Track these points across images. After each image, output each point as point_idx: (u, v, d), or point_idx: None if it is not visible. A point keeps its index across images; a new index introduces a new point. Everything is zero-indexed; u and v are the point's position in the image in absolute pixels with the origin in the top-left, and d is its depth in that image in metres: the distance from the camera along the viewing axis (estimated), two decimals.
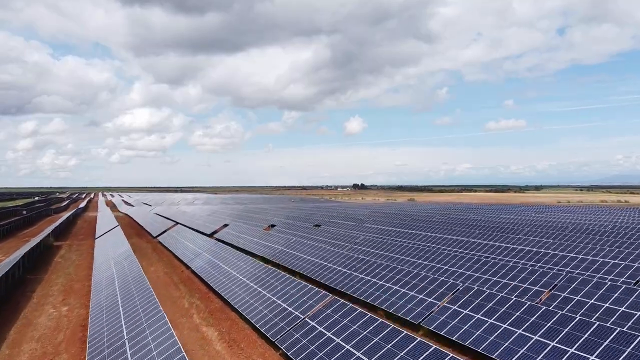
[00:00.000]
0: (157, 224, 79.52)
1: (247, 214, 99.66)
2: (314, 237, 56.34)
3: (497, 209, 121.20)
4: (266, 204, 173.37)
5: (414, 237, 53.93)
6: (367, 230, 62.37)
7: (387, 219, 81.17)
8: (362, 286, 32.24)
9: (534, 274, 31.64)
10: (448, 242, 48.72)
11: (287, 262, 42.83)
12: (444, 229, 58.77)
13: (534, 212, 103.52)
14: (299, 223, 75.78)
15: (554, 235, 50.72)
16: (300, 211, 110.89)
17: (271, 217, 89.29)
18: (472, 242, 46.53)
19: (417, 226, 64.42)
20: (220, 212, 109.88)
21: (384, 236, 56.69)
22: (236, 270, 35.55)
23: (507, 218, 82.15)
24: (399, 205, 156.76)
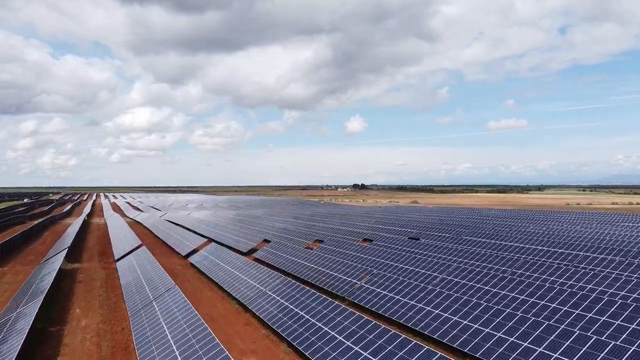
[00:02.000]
0: (179, 237, 70.33)
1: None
2: (408, 261, 46.50)
3: (525, 216, 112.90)
4: (283, 208, 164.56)
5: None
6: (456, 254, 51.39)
7: (448, 233, 70.87)
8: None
9: None
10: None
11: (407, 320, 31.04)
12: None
13: (568, 223, 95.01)
14: (346, 237, 67.59)
15: None
16: (326, 218, 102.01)
17: (315, 231, 79.44)
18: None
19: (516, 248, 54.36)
20: (248, 221, 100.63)
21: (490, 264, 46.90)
22: (339, 331, 25.88)
23: (578, 231, 73.34)
24: (421, 211, 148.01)
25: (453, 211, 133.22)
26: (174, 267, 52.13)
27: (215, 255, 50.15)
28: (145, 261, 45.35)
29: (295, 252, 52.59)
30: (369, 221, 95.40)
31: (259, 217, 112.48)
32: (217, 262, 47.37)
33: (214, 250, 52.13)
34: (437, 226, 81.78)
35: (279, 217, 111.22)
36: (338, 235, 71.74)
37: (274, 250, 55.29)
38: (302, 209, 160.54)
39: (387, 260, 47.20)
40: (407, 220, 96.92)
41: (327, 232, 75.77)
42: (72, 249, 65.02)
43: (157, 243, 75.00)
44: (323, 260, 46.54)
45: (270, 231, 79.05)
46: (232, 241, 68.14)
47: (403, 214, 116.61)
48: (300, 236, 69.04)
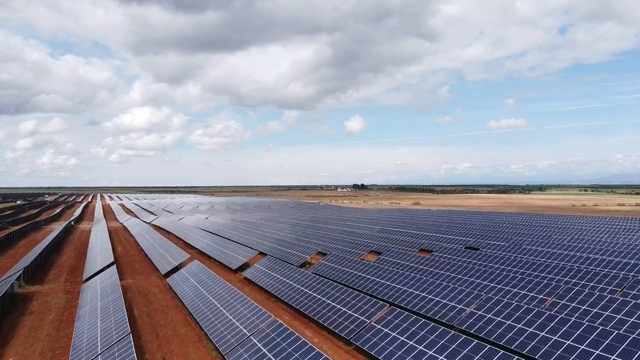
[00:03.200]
0: (162, 249, 62.80)
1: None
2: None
3: (553, 222, 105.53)
4: (282, 211, 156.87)
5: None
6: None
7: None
8: None
9: None
10: None
11: None
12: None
13: (596, 232, 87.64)
14: (355, 250, 60.87)
15: None
16: (326, 224, 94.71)
17: (315, 241, 72.75)
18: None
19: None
20: (243, 228, 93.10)
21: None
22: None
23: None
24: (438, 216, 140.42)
25: (472, 215, 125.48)
26: (149, 291, 44.66)
27: (197, 277, 42.65)
28: (109, 286, 37.86)
29: (290, 272, 45.13)
30: (373, 229, 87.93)
31: (254, 223, 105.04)
32: (197, 287, 39.89)
33: (196, 270, 44.64)
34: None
35: (276, 224, 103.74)
36: (343, 248, 64.39)
37: (265, 270, 47.79)
38: (301, 212, 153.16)
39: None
40: (436, 224, 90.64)
41: (330, 244, 68.38)
42: (38, 265, 57.45)
43: (139, 257, 67.48)
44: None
45: (266, 242, 71.59)
46: (221, 255, 60.63)
47: (423, 218, 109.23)
48: (298, 249, 61.62)
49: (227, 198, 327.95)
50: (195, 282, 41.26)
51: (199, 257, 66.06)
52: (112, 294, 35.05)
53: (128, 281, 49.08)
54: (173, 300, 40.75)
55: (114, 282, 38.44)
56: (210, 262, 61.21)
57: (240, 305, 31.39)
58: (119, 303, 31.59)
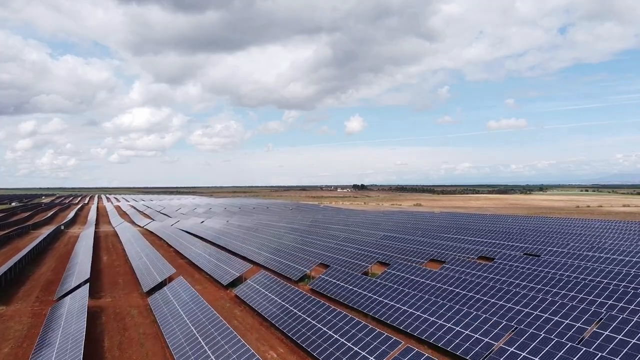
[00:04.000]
0: (149, 260, 57.57)
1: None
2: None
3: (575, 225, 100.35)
4: (281, 214, 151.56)
5: None
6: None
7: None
8: None
9: None
10: None
11: None
12: None
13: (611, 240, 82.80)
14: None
15: None
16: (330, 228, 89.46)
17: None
18: None
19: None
20: (236, 235, 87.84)
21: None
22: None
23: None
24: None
25: (479, 219, 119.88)
26: (127, 313, 39.47)
27: (180, 299, 37.43)
28: (75, 311, 32.69)
29: (286, 291, 39.91)
30: (376, 235, 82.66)
31: (251, 228, 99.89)
32: (178, 312, 34.69)
33: (180, 290, 39.43)
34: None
35: (274, 229, 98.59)
36: (346, 259, 59.19)
37: (259, 287, 42.54)
38: (301, 215, 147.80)
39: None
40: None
41: (331, 253, 63.14)
42: (9, 280, 52.20)
43: (124, 268, 62.32)
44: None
45: (262, 251, 66.42)
46: (213, 267, 55.41)
47: (429, 222, 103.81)
48: (297, 260, 56.41)
49: (225, 199, 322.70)
50: (178, 304, 36.11)
51: (188, 269, 60.93)
52: (75, 323, 29.89)
53: (106, 300, 43.93)
54: (152, 327, 35.54)
55: (81, 307, 33.26)
56: (201, 276, 56.04)
57: (224, 341, 26.19)
58: (79, 338, 26.40)
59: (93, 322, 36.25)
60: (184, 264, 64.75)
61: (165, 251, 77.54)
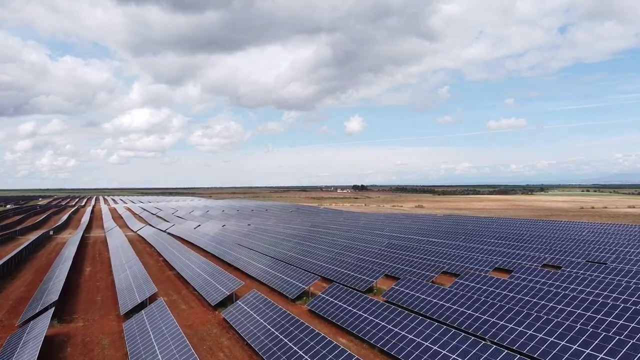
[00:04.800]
0: (133, 276, 52.44)
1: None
2: None
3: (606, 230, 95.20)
4: (280, 218, 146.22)
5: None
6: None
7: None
8: None
9: None
10: None
11: None
12: None
13: None
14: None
15: None
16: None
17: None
18: None
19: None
20: (230, 244, 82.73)
21: None
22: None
23: None
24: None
25: (485, 222, 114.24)
26: (97, 342, 34.28)
27: (155, 326, 32.28)
28: (30, 345, 27.56)
29: (280, 318, 34.77)
30: (380, 242, 77.44)
31: (247, 234, 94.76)
32: (152, 344, 29.55)
33: (158, 315, 34.27)
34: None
35: (272, 235, 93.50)
36: (349, 272, 54.04)
37: (250, 310, 37.38)
38: (300, 218, 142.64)
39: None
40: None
41: (333, 265, 57.92)
42: None
43: (105, 282, 57.18)
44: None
45: (258, 262, 61.28)
46: (202, 283, 50.22)
47: (434, 226, 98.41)
48: (294, 274, 51.23)
49: (224, 202, 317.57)
50: (153, 335, 30.96)
51: (176, 283, 55.81)
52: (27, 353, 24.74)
53: (77, 324, 38.76)
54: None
55: (35, 342, 28.07)
56: (188, 292, 50.88)
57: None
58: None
59: (54, 355, 31.18)
60: (172, 276, 59.60)
61: (154, 261, 72.45)
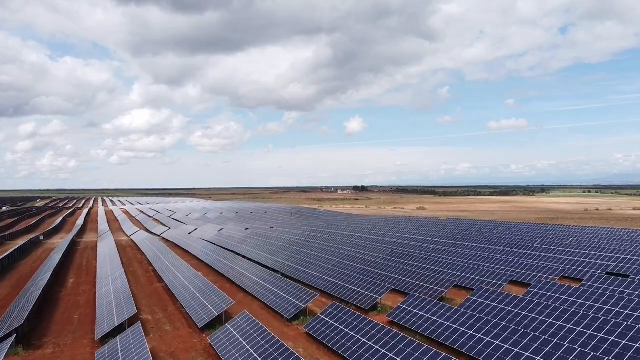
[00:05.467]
0: (112, 296, 48.32)
1: None
2: None
3: None
4: (279, 221, 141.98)
5: None
6: None
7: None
8: None
9: None
10: None
11: None
12: None
13: None
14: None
15: None
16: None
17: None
18: None
19: None
20: (225, 253, 78.50)
21: None
22: None
23: None
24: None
25: (493, 226, 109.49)
26: None
27: (127, 356, 28.11)
28: None
29: (269, 346, 30.55)
30: (384, 250, 73.22)
31: (244, 240, 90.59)
32: None
33: (132, 344, 30.12)
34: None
35: (269, 241, 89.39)
36: (353, 287, 49.81)
37: (237, 334, 33.20)
38: (300, 222, 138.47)
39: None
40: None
41: (334, 279, 53.70)
42: None
43: (87, 296, 53.00)
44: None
45: (251, 273, 57.09)
46: (189, 300, 46.00)
47: (440, 231, 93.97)
48: (291, 290, 47.05)
49: (223, 203, 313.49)
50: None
51: (163, 298, 51.60)
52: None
53: (45, 351, 34.48)
54: None
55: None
56: (175, 309, 46.60)
57: None
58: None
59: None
60: (160, 289, 55.41)
61: (144, 270, 68.28)
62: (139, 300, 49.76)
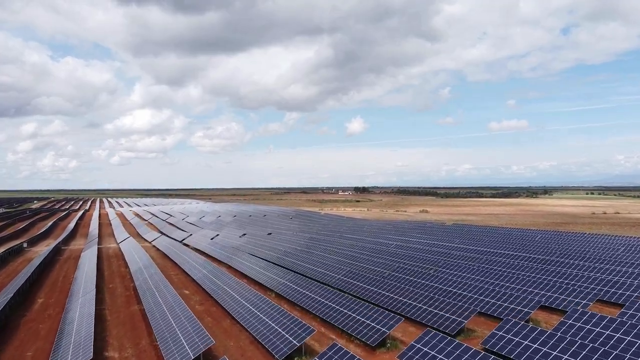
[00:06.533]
0: (79, 324, 41.62)
1: None
2: None
3: None
4: (278, 227, 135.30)
5: None
6: None
7: None
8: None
9: None
10: None
11: None
12: None
13: None
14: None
15: None
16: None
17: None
18: None
19: None
20: (215, 272, 71.65)
21: None
22: None
23: None
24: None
25: (508, 233, 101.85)
26: None
27: None
28: None
29: None
30: (391, 264, 66.36)
31: (239, 248, 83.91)
32: None
33: None
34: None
35: (263, 252, 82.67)
36: (357, 316, 43.04)
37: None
38: (300, 228, 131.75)
39: None
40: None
41: (335, 304, 46.88)
42: None
43: (48, 326, 46.30)
44: None
45: (240, 297, 50.34)
46: (164, 329, 39.32)
47: (449, 237, 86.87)
48: (285, 322, 40.29)
49: (221, 205, 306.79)
50: None
51: (137, 327, 44.83)
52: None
53: None
54: None
55: None
56: (148, 343, 39.93)
57: None
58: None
59: None
60: (137, 314, 48.68)
61: (124, 287, 61.49)
62: (109, 329, 43.13)
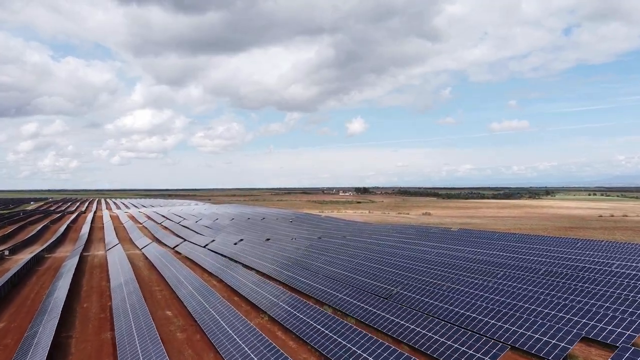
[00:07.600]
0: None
1: None
2: None
3: None
4: (277, 232, 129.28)
5: None
6: None
7: None
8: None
9: None
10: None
11: None
12: None
13: None
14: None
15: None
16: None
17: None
18: None
19: None
20: (205, 293, 65.45)
21: None
22: None
23: None
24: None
25: (522, 247, 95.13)
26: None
27: None
28: None
29: None
30: (397, 280, 60.14)
31: (237, 254, 77.74)
32: None
33: None
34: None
35: (256, 264, 76.56)
36: (364, 354, 36.95)
37: None
38: (299, 233, 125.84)
39: None
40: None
41: (335, 333, 40.70)
42: None
43: (15, 337, 40.19)
44: None
45: (229, 315, 44.17)
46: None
47: (457, 244, 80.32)
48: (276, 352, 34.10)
49: (220, 207, 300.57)
50: None
51: (103, 358, 38.74)
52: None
53: None
54: None
55: None
56: None
57: None
58: None
59: None
60: (107, 342, 42.40)
61: (99, 308, 55.03)
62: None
